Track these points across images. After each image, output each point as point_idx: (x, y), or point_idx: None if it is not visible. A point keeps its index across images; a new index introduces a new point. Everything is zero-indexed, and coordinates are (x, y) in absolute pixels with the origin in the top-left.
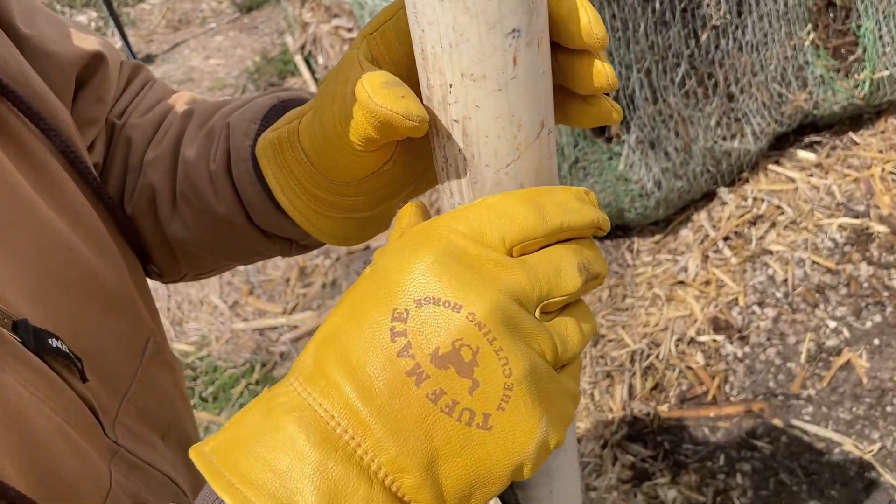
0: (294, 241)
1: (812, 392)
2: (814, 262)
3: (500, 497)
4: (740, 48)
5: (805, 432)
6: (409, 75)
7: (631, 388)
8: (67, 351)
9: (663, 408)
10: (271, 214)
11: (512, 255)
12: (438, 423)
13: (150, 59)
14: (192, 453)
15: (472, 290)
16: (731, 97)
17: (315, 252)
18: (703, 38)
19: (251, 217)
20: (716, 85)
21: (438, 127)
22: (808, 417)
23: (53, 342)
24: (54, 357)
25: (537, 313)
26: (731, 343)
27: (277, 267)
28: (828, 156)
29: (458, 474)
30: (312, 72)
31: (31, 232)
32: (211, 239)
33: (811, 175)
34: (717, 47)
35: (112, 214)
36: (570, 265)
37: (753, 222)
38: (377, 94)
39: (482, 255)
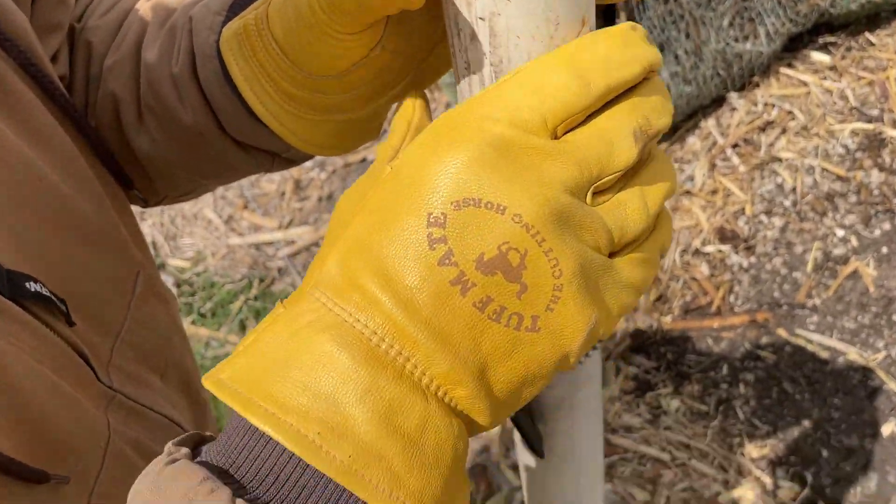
0: (276, 155)
1: (817, 301)
2: (824, 170)
3: (520, 430)
4: None
5: (809, 341)
6: None
7: None
8: (49, 294)
9: (667, 319)
10: (244, 121)
11: (556, 135)
12: (487, 331)
13: None
14: (209, 383)
15: (517, 188)
16: None
17: (310, 164)
18: None
19: (223, 126)
20: None
21: (460, 26)
22: (812, 327)
23: (32, 286)
24: (34, 302)
25: (589, 198)
26: (737, 253)
27: (272, 181)
28: (842, 58)
29: (508, 378)
30: None
31: None
32: (181, 153)
33: (824, 78)
34: None
35: (85, 135)
36: (623, 135)
37: (763, 129)
38: None
39: (524, 144)
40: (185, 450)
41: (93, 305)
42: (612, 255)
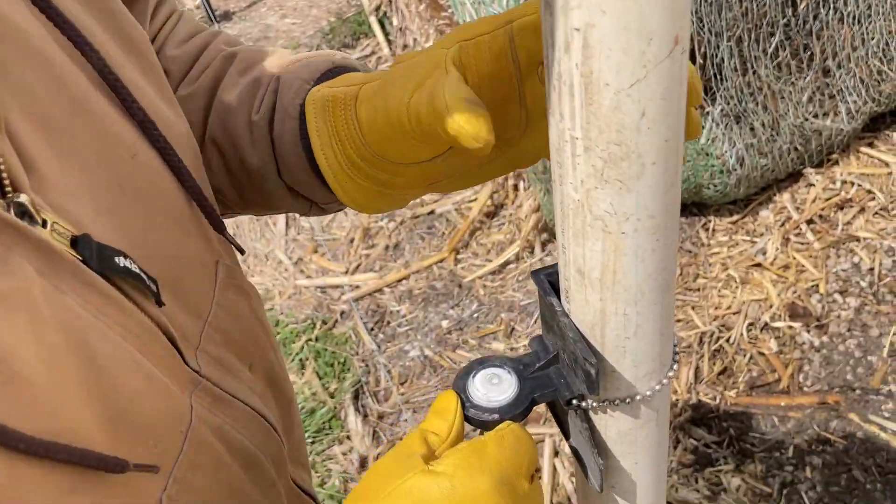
0: (314, 203)
1: (894, 388)
2: None
3: (580, 462)
4: (841, 19)
5: (883, 429)
6: (490, 88)
7: (698, 370)
8: (138, 271)
9: (731, 393)
10: (302, 172)
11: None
12: None
13: (227, 16)
14: None
15: None
16: (826, 72)
17: (380, 215)
18: (802, 6)
19: (281, 172)
20: (811, 58)
21: (555, 36)
22: (887, 414)
23: (121, 261)
24: (123, 278)
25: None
26: (808, 331)
27: (342, 227)
28: None
29: None
30: (386, 33)
31: (95, 136)
32: (233, 185)
33: None
34: (815, 17)
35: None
36: None
37: (841, 206)
38: (456, 107)
39: None
40: None
41: (181, 287)
42: None
